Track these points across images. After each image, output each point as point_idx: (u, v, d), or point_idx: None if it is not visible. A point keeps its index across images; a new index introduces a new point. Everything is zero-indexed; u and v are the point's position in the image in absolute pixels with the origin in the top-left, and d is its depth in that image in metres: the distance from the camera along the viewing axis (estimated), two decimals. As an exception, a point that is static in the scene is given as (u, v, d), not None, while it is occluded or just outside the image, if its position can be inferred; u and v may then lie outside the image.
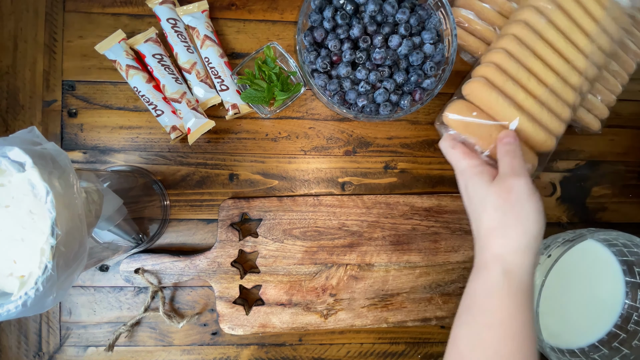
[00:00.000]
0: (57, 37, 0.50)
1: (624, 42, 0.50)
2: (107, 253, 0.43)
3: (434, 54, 0.47)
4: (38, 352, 0.50)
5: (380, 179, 0.53)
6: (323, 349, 0.53)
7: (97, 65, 0.50)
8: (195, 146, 0.51)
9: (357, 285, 0.51)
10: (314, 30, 0.47)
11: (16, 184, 0.29)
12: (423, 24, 0.47)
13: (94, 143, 0.50)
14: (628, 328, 0.49)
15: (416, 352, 0.54)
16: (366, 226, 0.51)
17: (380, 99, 0.47)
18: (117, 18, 0.50)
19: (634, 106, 0.56)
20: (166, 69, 0.48)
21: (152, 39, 0.48)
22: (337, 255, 0.51)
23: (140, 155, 0.51)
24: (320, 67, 0.46)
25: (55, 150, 0.31)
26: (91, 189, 0.36)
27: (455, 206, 0.52)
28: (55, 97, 0.50)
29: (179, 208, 0.51)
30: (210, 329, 0.52)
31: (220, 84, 0.49)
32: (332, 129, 0.53)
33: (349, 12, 0.46)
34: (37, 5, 0.49)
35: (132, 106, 0.50)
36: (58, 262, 0.28)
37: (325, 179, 0.53)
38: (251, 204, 0.50)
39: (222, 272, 0.50)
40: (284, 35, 0.52)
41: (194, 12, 0.49)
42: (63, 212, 0.28)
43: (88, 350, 0.51)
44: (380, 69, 0.47)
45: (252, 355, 0.52)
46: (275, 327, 0.50)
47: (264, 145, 0.52)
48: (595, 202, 0.56)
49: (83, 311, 0.50)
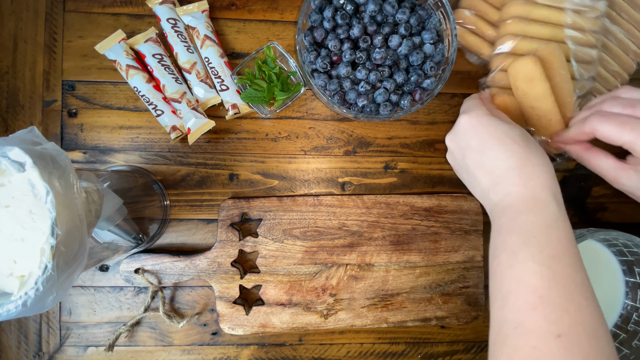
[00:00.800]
0: (57, 37, 0.50)
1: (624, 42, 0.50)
2: (107, 253, 0.43)
3: (434, 54, 0.47)
4: (38, 352, 0.50)
5: (380, 179, 0.53)
6: (323, 349, 0.53)
7: (97, 65, 0.50)
8: (195, 146, 0.51)
9: (357, 285, 0.51)
10: (314, 30, 0.47)
11: (16, 184, 0.29)
12: (423, 24, 0.47)
13: (94, 143, 0.50)
14: (628, 328, 0.49)
15: (416, 352, 0.54)
16: (366, 226, 0.51)
17: (380, 99, 0.47)
18: (117, 18, 0.50)
19: (634, 106, 0.56)
20: (166, 69, 0.48)
21: (152, 39, 0.48)
22: (337, 255, 0.51)
23: (140, 155, 0.51)
24: (320, 67, 0.46)
25: (55, 150, 0.31)
26: (91, 189, 0.36)
27: (455, 206, 0.52)
28: (55, 97, 0.50)
29: (179, 208, 0.51)
30: (210, 329, 0.52)
31: (220, 84, 0.49)
32: (332, 129, 0.53)
33: (349, 12, 0.46)
34: (37, 5, 0.49)
35: (132, 106, 0.50)
36: (58, 262, 0.28)
37: (325, 179, 0.53)
38: (251, 204, 0.50)
39: (222, 272, 0.50)
40: (284, 35, 0.52)
41: (194, 12, 0.49)
42: (63, 212, 0.28)
43: (88, 350, 0.51)
44: (380, 69, 0.47)
45: (252, 355, 0.52)
46: (275, 327, 0.50)
47: (264, 145, 0.52)
48: (595, 202, 0.56)
49: (83, 311, 0.50)
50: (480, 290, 0.52)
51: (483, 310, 0.53)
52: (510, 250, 0.33)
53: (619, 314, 0.51)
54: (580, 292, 0.31)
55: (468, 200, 0.52)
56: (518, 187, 0.35)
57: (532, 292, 0.31)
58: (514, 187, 0.36)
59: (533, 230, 0.33)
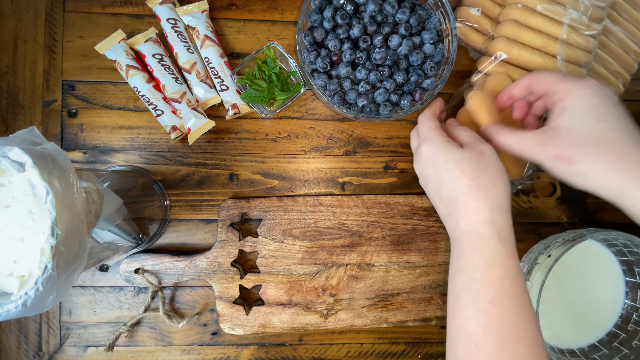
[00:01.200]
0: (57, 37, 0.50)
1: (625, 42, 0.50)
2: (107, 253, 0.43)
3: (434, 54, 0.47)
4: (38, 352, 0.50)
5: (380, 179, 0.53)
6: (323, 349, 0.53)
7: (97, 65, 0.50)
8: (195, 146, 0.51)
9: (357, 285, 0.51)
10: (314, 30, 0.47)
11: (16, 184, 0.29)
12: (423, 24, 0.47)
13: (94, 143, 0.50)
14: (628, 328, 0.49)
15: (416, 352, 0.54)
16: (366, 226, 0.51)
17: (380, 99, 0.47)
18: (117, 18, 0.50)
19: (634, 106, 0.56)
20: (166, 69, 0.48)
21: (152, 39, 0.48)
22: (337, 255, 0.51)
23: (140, 155, 0.51)
24: (320, 67, 0.46)
25: (55, 150, 0.31)
26: (91, 189, 0.36)
27: (455, 206, 0.52)
28: (55, 97, 0.50)
29: (179, 208, 0.51)
30: (210, 329, 0.52)
31: (220, 84, 0.49)
32: (332, 129, 0.53)
33: (349, 12, 0.46)
34: (37, 5, 0.49)
35: (132, 106, 0.50)
36: (58, 262, 0.28)
37: (325, 179, 0.53)
38: (251, 204, 0.50)
39: (222, 272, 0.50)
40: (284, 35, 0.52)
41: (194, 12, 0.49)
42: (63, 212, 0.28)
43: (88, 350, 0.51)
44: (380, 69, 0.47)
45: (252, 355, 0.52)
46: (275, 327, 0.50)
47: (264, 145, 0.52)
48: (595, 202, 0.56)
49: (83, 311, 0.50)
50: (480, 290, 0.52)
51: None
52: (455, 294, 0.34)
53: (619, 314, 0.51)
54: (518, 338, 0.30)
55: (468, 200, 0.52)
56: (463, 222, 0.35)
57: (469, 340, 0.31)
58: (460, 221, 0.36)
59: (474, 272, 0.33)
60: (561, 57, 0.45)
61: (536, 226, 0.55)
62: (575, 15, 0.45)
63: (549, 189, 0.55)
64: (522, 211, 0.55)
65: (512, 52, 0.46)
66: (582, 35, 0.45)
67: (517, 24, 0.46)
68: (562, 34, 0.45)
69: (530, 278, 0.47)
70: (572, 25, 0.45)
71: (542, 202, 0.55)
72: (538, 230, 0.55)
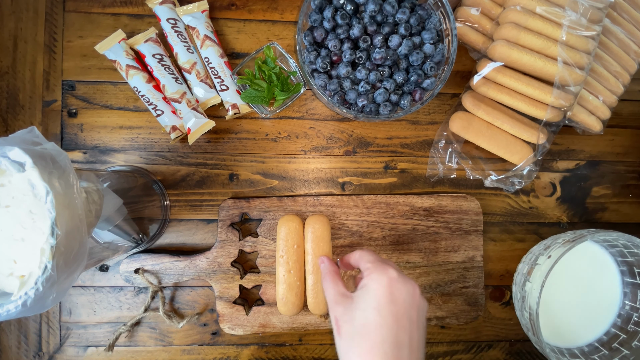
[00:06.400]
0: (57, 37, 0.50)
1: (625, 42, 0.50)
2: (107, 253, 0.43)
3: (434, 54, 0.47)
4: (38, 352, 0.50)
5: (380, 179, 0.53)
6: (323, 349, 0.53)
7: (97, 65, 0.50)
8: (195, 146, 0.51)
9: (357, 285, 0.51)
10: (314, 30, 0.47)
11: (16, 184, 0.29)
12: (423, 24, 0.47)
13: (94, 143, 0.50)
14: (628, 329, 0.49)
15: (416, 352, 0.54)
16: (366, 226, 0.51)
17: (380, 99, 0.47)
18: (117, 18, 0.50)
19: (634, 106, 0.56)
20: (166, 69, 0.48)
21: (152, 39, 0.48)
22: (337, 255, 0.51)
23: (140, 155, 0.51)
24: (320, 67, 0.46)
25: (55, 150, 0.31)
26: (91, 189, 0.36)
27: (455, 206, 0.52)
28: (55, 97, 0.50)
29: (179, 208, 0.51)
30: (210, 329, 0.52)
31: (220, 84, 0.49)
32: (332, 129, 0.53)
33: (349, 12, 0.46)
34: (37, 5, 0.49)
35: (132, 106, 0.50)
36: (58, 262, 0.28)
37: (325, 179, 0.53)
38: (251, 204, 0.50)
39: (222, 272, 0.50)
40: (284, 35, 0.52)
41: (194, 12, 0.49)
42: (63, 212, 0.28)
43: (88, 350, 0.51)
44: (380, 69, 0.47)
45: (252, 355, 0.52)
46: (275, 327, 0.50)
47: (264, 145, 0.52)
48: (595, 202, 0.56)
49: (83, 311, 0.50)
50: (480, 290, 0.52)
51: (483, 310, 0.53)
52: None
53: (618, 315, 0.51)
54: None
55: (468, 201, 0.52)
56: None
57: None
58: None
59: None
60: (561, 59, 0.45)
61: (536, 226, 0.55)
62: (574, 17, 0.45)
63: (549, 189, 0.55)
64: (522, 211, 0.55)
65: (512, 55, 0.46)
66: (581, 37, 0.45)
67: (516, 27, 0.46)
68: (562, 36, 0.45)
69: (531, 279, 0.47)
70: (571, 26, 0.45)
71: (542, 202, 0.55)
72: (538, 230, 0.55)
